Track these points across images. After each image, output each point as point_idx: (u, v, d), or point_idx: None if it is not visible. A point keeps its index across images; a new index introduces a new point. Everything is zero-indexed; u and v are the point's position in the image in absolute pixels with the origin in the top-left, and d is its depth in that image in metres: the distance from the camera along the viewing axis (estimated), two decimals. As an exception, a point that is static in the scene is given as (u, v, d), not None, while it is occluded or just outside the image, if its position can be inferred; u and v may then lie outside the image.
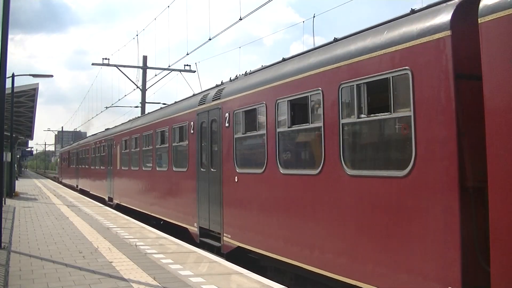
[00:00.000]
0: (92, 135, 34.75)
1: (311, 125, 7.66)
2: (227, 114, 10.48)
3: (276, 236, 8.55)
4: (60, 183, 52.36)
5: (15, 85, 20.99)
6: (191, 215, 12.53)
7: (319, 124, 7.35)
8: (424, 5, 6.40)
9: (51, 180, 62.91)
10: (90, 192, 30.00)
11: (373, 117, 6.40)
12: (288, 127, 8.33)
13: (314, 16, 12.52)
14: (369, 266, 6.26)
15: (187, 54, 24.95)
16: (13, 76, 20.59)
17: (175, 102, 15.86)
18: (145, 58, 31.69)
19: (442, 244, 5.25)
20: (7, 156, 20.21)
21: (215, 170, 11.12)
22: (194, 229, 12.35)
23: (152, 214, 16.27)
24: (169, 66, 29.45)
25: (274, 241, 8.58)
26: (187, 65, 30.13)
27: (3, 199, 16.33)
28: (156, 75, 31.53)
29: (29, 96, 25.26)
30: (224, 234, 10.46)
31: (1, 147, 11.05)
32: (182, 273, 8.08)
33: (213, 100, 11.42)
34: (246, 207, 9.79)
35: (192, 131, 12.56)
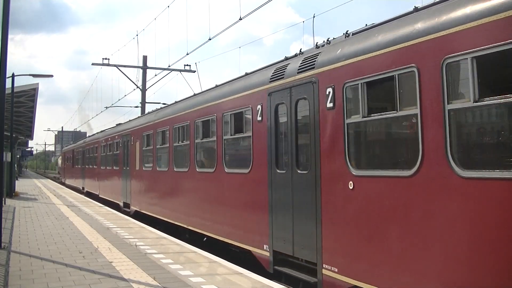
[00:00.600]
0: (101, 131, 30.56)
1: None
2: (329, 90, 7.31)
3: (426, 270, 5.60)
4: (63, 184, 49.29)
5: (15, 85, 20.99)
6: (258, 234, 9.22)
7: None
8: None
9: (51, 180, 62.93)
10: (100, 196, 26.47)
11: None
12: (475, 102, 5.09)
13: (314, 16, 12.50)
14: None
15: (187, 54, 25.00)
16: (13, 76, 20.59)
17: (217, 86, 12.34)
18: (145, 58, 31.71)
19: None
20: (7, 156, 20.20)
21: (305, 172, 7.90)
22: (263, 253, 9.01)
23: (190, 228, 12.78)
24: (169, 66, 29.49)
25: (412, 277, 5.75)
26: (187, 65, 30.19)
27: (3, 199, 16.33)
28: (156, 75, 31.58)
29: (29, 96, 25.27)
30: (325, 265, 7.22)
31: (1, 147, 11.05)
32: (182, 273, 8.07)
33: (299, 72, 8.18)
34: (369, 228, 6.51)
35: (259, 118, 9.29)
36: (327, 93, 7.33)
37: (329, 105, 7.28)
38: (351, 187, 6.77)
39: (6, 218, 15.27)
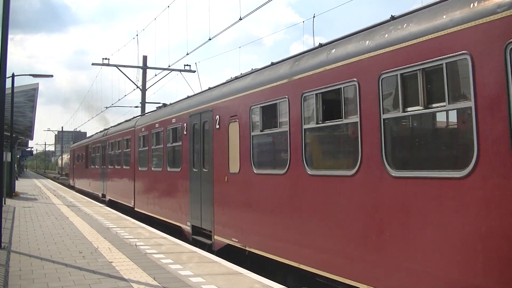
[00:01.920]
0: (133, 118, 23.12)
1: None
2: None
3: None
4: (71, 187, 41.15)
5: (15, 85, 20.99)
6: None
7: None
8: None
9: (51, 180, 62.93)
10: (137, 209, 18.20)
11: None
12: None
13: (314, 16, 12.51)
14: None
15: (187, 54, 25.03)
16: (13, 76, 20.60)
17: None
18: (145, 58, 31.71)
19: None
20: (7, 156, 20.20)
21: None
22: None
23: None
24: (169, 66, 29.48)
25: None
26: (187, 65, 30.18)
27: (3, 199, 16.34)
28: (156, 75, 31.57)
29: (29, 96, 25.26)
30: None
31: (1, 147, 11.06)
32: (182, 273, 8.07)
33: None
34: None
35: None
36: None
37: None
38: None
39: (6, 218, 15.28)
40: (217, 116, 11.03)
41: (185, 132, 13.17)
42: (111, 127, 27.79)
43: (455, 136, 5.91)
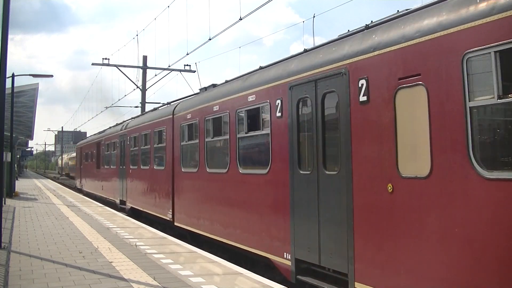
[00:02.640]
0: (166, 104, 17.81)
1: None
2: None
3: None
4: (79, 190, 36.31)
5: (15, 85, 21.02)
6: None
7: None
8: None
9: (51, 180, 62.94)
10: (178, 225, 13.74)
11: None
12: None
13: (314, 16, 12.47)
14: None
15: (187, 54, 24.98)
16: (13, 76, 20.62)
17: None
18: (145, 58, 31.70)
19: None
20: (7, 156, 20.21)
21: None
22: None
23: None
24: (169, 66, 29.46)
25: None
26: (187, 65, 30.14)
27: (3, 199, 16.34)
28: (156, 75, 31.52)
29: (29, 96, 25.31)
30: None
31: (1, 147, 11.07)
32: (182, 273, 8.08)
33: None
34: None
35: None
36: None
37: None
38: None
39: (6, 218, 15.29)
40: (363, 82, 6.73)
41: (278, 114, 8.65)
42: (132, 118, 22.99)
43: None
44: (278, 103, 8.67)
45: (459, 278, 5.20)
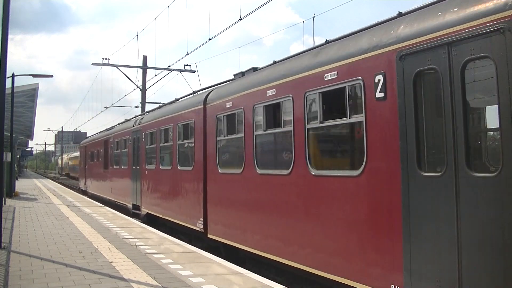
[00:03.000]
0: (197, 92, 14.93)
1: None
2: None
3: None
4: (83, 192, 34.40)
5: (15, 85, 21.01)
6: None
7: None
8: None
9: (51, 180, 62.93)
10: (212, 237, 11.51)
11: None
12: None
13: (314, 16, 12.46)
14: None
15: (187, 54, 25.02)
16: (13, 76, 20.61)
17: None
18: (145, 58, 31.73)
19: None
20: (7, 156, 20.20)
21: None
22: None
23: None
24: (169, 66, 29.49)
25: None
26: (187, 65, 30.17)
27: (3, 199, 16.33)
28: (156, 75, 31.56)
29: (29, 96, 25.31)
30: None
31: (1, 147, 11.06)
32: (182, 273, 8.07)
33: None
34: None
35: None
36: None
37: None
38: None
39: (6, 218, 15.28)
40: None
41: (379, 94, 6.35)
42: (145, 113, 21.24)
43: None
44: (379, 80, 6.33)
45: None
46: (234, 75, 12.12)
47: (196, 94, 14.48)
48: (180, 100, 15.85)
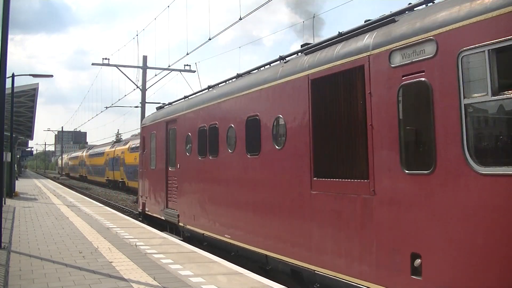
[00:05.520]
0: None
1: None
2: None
3: None
4: (144, 215, 17.56)
5: (15, 85, 20.99)
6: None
7: None
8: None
9: (51, 180, 62.92)
10: None
11: None
12: None
13: (314, 16, 12.48)
14: None
15: (187, 54, 25.00)
16: (13, 76, 20.60)
17: None
18: (145, 58, 31.70)
19: None
20: (7, 156, 20.21)
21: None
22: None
23: None
24: (169, 66, 29.50)
25: None
26: (187, 65, 30.20)
27: (3, 199, 16.34)
28: (156, 75, 31.57)
29: (29, 96, 25.30)
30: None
31: (1, 147, 11.06)
32: (182, 273, 8.07)
33: None
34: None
35: None
36: None
37: None
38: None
39: (6, 218, 15.28)
40: None
41: None
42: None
43: None
44: None
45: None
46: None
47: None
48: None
